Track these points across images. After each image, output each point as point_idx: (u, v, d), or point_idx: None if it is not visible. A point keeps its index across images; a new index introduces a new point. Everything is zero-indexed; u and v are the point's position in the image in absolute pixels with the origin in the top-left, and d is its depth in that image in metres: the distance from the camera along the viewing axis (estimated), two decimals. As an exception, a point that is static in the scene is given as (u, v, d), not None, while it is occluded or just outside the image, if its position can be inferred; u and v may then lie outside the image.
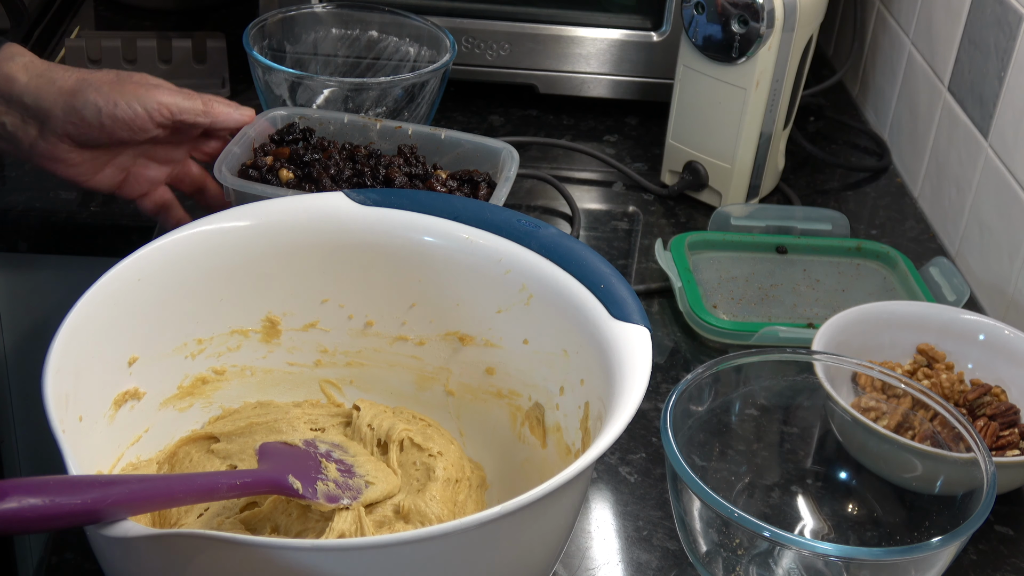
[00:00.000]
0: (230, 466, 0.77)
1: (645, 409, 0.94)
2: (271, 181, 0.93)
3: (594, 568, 0.81)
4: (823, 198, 1.27)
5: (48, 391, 0.64)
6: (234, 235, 0.79)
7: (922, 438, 0.82)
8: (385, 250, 0.82)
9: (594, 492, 0.87)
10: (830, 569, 0.77)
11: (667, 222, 1.20)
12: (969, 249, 1.14)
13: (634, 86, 1.34)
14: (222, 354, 0.82)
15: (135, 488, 0.59)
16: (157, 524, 0.74)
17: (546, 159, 1.29)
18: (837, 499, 0.86)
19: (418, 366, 0.85)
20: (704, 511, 0.74)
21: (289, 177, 0.94)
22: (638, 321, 0.72)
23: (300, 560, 0.58)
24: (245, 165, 0.95)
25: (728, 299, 1.08)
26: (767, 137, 1.17)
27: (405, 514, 0.74)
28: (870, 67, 1.43)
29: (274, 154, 0.96)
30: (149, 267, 0.75)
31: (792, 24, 1.10)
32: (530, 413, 0.81)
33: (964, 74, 1.16)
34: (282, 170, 0.94)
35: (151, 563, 0.60)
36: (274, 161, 0.95)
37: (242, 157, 0.95)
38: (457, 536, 0.58)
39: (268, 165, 0.95)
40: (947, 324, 0.96)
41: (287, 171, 0.94)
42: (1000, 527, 0.86)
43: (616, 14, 1.32)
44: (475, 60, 1.32)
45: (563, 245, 0.78)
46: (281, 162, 0.95)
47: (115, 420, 0.74)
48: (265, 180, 0.93)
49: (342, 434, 0.81)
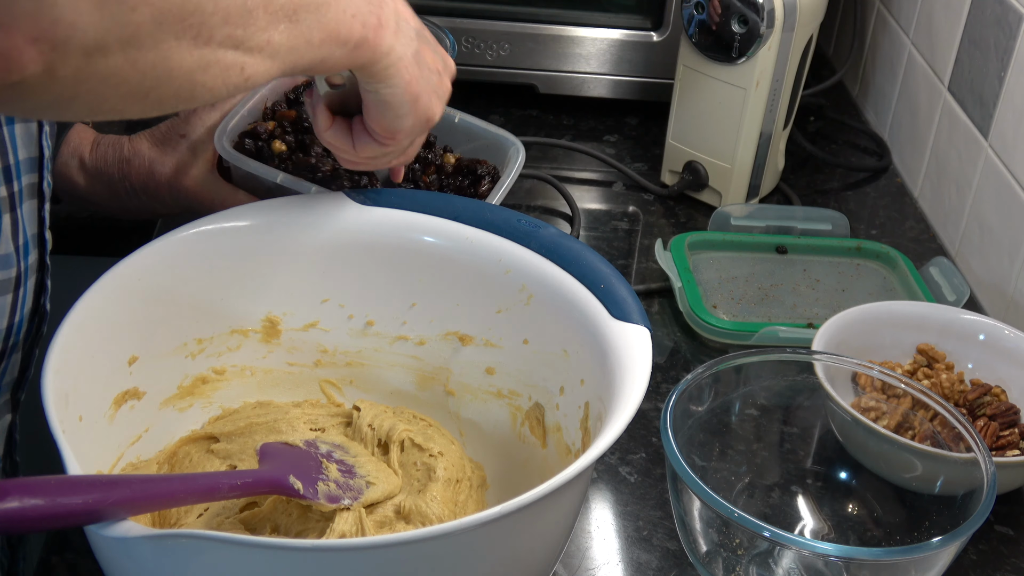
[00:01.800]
0: (230, 466, 0.77)
1: (645, 409, 0.94)
2: (264, 150, 0.91)
3: (594, 568, 0.81)
4: (823, 198, 1.27)
5: (48, 391, 0.64)
6: (234, 235, 0.79)
7: (922, 438, 0.82)
8: (385, 250, 0.82)
9: (594, 492, 0.87)
10: (830, 569, 0.77)
11: (667, 222, 1.20)
12: (969, 249, 1.14)
13: (634, 86, 1.34)
14: (222, 354, 0.82)
15: (135, 488, 0.59)
16: (157, 524, 0.74)
17: (546, 159, 1.29)
18: (837, 499, 0.86)
19: (418, 366, 0.85)
20: (704, 511, 0.74)
21: (281, 149, 0.91)
22: (638, 321, 0.72)
23: (300, 560, 0.58)
24: (246, 130, 0.93)
25: (728, 299, 1.08)
26: (767, 137, 1.17)
27: (406, 514, 0.74)
28: (870, 67, 1.43)
29: (279, 117, 0.94)
30: (149, 267, 0.75)
31: (792, 24, 1.10)
32: (530, 413, 0.81)
33: (964, 74, 1.16)
34: (276, 141, 0.92)
35: (151, 563, 0.60)
36: (275, 127, 0.93)
37: (248, 119, 0.94)
38: (457, 536, 0.58)
39: (268, 131, 0.93)
40: (947, 324, 0.96)
41: (280, 142, 0.92)
42: (1000, 527, 0.86)
43: (616, 14, 1.32)
44: (475, 60, 1.32)
45: (563, 245, 0.78)
46: (282, 127, 0.93)
47: (115, 420, 0.74)
48: (259, 150, 0.91)
49: (343, 434, 0.81)
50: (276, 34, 0.60)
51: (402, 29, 0.72)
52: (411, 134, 0.75)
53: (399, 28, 0.71)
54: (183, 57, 0.55)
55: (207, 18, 0.55)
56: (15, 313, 0.74)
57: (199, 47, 0.56)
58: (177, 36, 0.54)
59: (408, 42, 0.72)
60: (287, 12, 0.61)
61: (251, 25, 0.58)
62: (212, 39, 0.56)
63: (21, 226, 0.73)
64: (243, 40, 0.58)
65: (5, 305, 0.73)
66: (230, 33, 0.57)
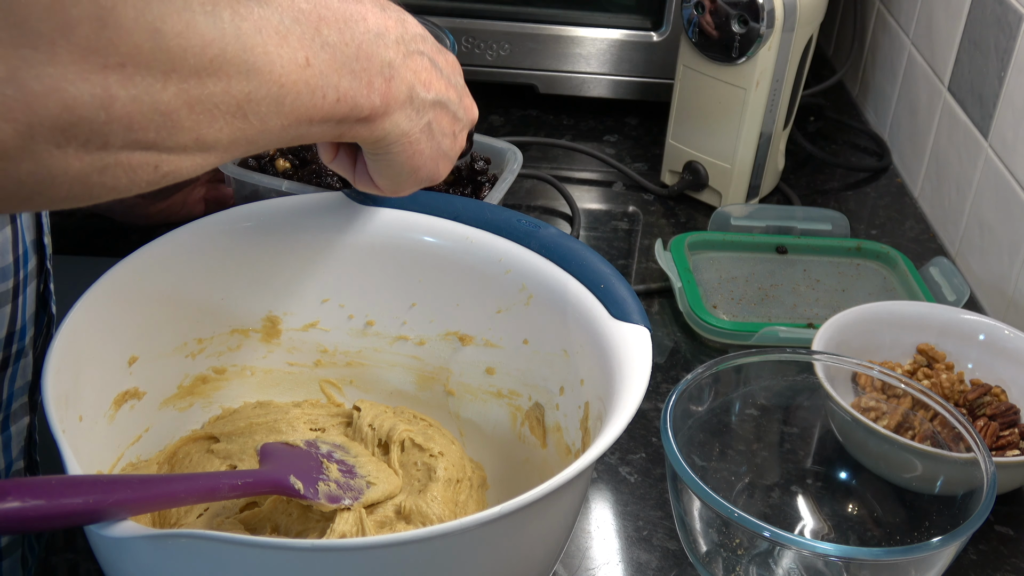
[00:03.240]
0: (230, 466, 0.77)
1: (645, 409, 0.94)
2: (268, 170, 0.94)
3: (594, 568, 0.81)
4: (823, 198, 1.27)
5: (48, 391, 0.64)
6: (234, 235, 0.79)
7: (922, 438, 0.82)
8: (385, 250, 0.82)
9: (594, 492, 0.87)
10: (830, 569, 0.77)
11: (667, 222, 1.20)
12: (969, 249, 1.14)
13: (634, 86, 1.34)
14: (222, 354, 0.82)
15: (135, 488, 0.59)
16: (157, 524, 0.74)
17: (546, 159, 1.29)
18: (837, 499, 0.86)
19: (418, 366, 0.85)
20: (704, 511, 0.74)
21: (285, 166, 0.94)
22: (638, 321, 0.72)
23: (301, 560, 0.58)
24: None
25: (728, 299, 1.08)
26: (767, 137, 1.17)
27: (406, 514, 0.74)
28: (870, 67, 1.43)
29: None
30: (149, 267, 0.75)
31: (792, 24, 1.10)
32: (530, 413, 0.81)
33: (964, 74, 1.16)
34: (279, 159, 0.94)
35: (151, 563, 0.60)
36: (276, 151, 0.96)
37: None
38: (457, 536, 0.58)
39: (269, 155, 0.95)
40: (947, 324, 0.96)
41: (283, 160, 0.94)
42: (1000, 527, 0.86)
43: (616, 14, 1.32)
44: (475, 60, 1.32)
45: (563, 245, 0.78)
46: (281, 150, 0.95)
47: (115, 420, 0.74)
48: (263, 169, 0.94)
49: (343, 434, 0.81)
50: (211, 131, 0.52)
51: (414, 101, 0.65)
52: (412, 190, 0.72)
53: (411, 101, 0.64)
54: (68, 163, 0.48)
55: (99, 127, 0.48)
56: (15, 321, 0.74)
57: (90, 153, 0.48)
58: (58, 145, 0.47)
59: (419, 114, 0.66)
60: (229, 108, 0.52)
61: (167, 128, 0.50)
62: (109, 144, 0.48)
63: (20, 236, 0.73)
64: (156, 142, 0.50)
65: (5, 315, 0.73)
66: (136, 138, 0.49)
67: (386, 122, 0.63)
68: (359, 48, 0.59)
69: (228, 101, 0.52)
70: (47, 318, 0.78)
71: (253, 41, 0.52)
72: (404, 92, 0.63)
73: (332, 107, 0.58)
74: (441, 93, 0.67)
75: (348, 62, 0.59)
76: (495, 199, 0.92)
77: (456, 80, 0.71)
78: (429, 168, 0.70)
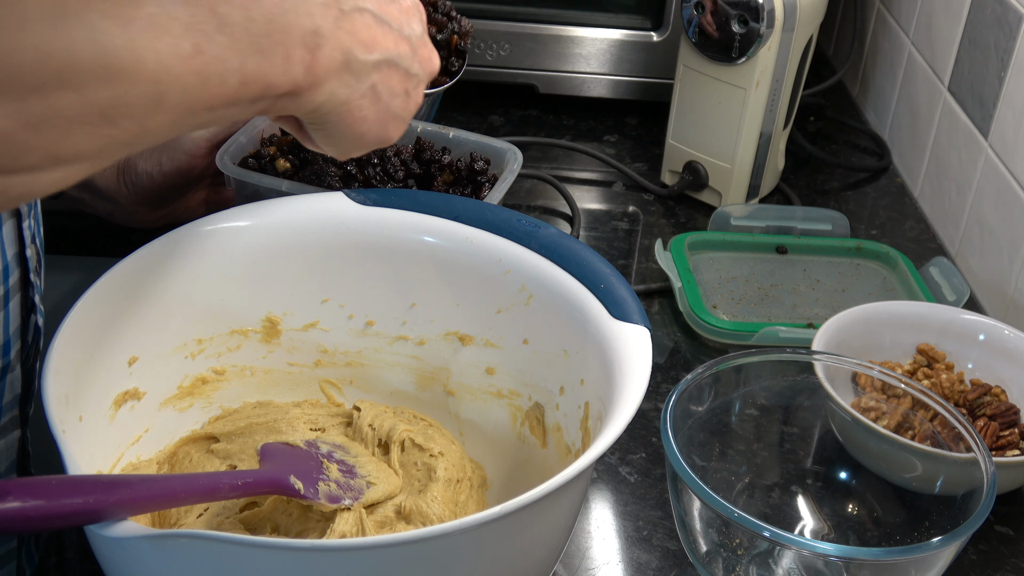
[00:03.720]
0: (230, 466, 0.77)
1: (645, 409, 0.94)
2: (268, 171, 0.94)
3: (594, 568, 0.81)
4: (823, 198, 1.27)
5: (48, 391, 0.64)
6: (234, 235, 0.79)
7: (922, 438, 0.82)
8: (385, 250, 0.82)
9: (594, 492, 0.87)
10: (830, 569, 0.77)
11: (667, 222, 1.20)
12: (969, 249, 1.14)
13: (634, 86, 1.34)
14: (222, 354, 0.82)
15: (135, 488, 0.59)
16: (157, 524, 0.74)
17: (546, 159, 1.29)
18: (837, 499, 0.86)
19: (418, 366, 0.85)
20: (704, 511, 0.74)
21: (286, 167, 0.94)
22: (638, 321, 0.72)
23: (301, 560, 0.58)
24: (248, 155, 0.95)
25: (728, 299, 1.08)
26: (767, 137, 1.17)
27: (406, 514, 0.74)
28: (870, 67, 1.43)
29: (278, 143, 0.96)
30: (149, 267, 0.75)
31: (792, 24, 1.10)
32: (530, 413, 0.81)
33: (964, 74, 1.16)
34: (279, 159, 0.94)
35: (151, 563, 0.60)
36: (276, 151, 0.96)
37: (247, 147, 0.96)
38: (457, 536, 0.58)
39: (270, 155, 0.95)
40: (947, 324, 0.96)
41: (284, 160, 0.94)
42: (1000, 527, 0.86)
43: (616, 14, 1.32)
44: (475, 60, 1.32)
45: (563, 245, 0.78)
46: (282, 150, 0.95)
47: (115, 420, 0.74)
48: (263, 170, 0.94)
49: (343, 434, 0.81)
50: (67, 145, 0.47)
51: (352, 66, 0.60)
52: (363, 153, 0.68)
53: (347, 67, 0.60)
54: None
55: None
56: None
57: None
58: None
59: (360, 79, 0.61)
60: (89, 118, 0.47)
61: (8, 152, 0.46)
62: None
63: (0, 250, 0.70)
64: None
65: None
66: None
67: (316, 94, 0.58)
68: (270, 22, 0.54)
69: (86, 111, 0.47)
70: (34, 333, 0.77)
71: (116, 42, 0.47)
72: (338, 59, 0.59)
73: (236, 91, 0.53)
74: (389, 51, 0.63)
75: (255, 40, 0.53)
76: (495, 199, 0.92)
77: (410, 30, 0.66)
78: (376, 133, 0.66)
